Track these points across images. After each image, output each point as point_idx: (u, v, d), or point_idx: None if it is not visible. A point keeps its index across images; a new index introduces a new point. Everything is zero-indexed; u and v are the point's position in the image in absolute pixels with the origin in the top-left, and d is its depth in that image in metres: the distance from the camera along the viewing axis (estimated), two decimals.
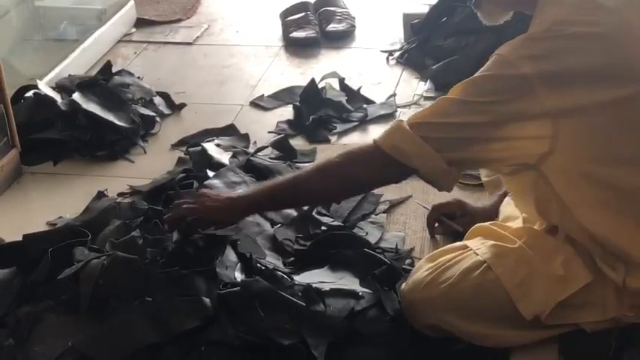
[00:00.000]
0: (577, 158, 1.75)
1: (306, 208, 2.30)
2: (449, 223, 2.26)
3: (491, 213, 2.18)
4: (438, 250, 2.02)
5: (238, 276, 2.01)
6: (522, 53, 1.74)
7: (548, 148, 1.73)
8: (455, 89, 1.80)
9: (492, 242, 1.92)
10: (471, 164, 1.86)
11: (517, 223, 2.03)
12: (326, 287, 1.98)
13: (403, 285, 1.98)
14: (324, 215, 2.33)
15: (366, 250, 2.13)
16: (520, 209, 2.00)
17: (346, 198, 2.23)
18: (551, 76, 1.71)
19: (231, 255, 2.06)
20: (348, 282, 2.02)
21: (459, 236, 2.14)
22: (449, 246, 2.02)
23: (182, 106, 3.05)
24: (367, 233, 2.26)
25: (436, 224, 2.30)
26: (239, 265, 2.04)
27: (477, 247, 1.92)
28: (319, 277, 2.02)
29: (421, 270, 1.94)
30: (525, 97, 1.71)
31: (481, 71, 1.79)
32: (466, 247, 1.95)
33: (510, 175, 1.89)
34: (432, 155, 1.77)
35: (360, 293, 1.98)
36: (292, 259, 2.18)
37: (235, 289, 1.95)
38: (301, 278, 2.02)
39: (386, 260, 2.10)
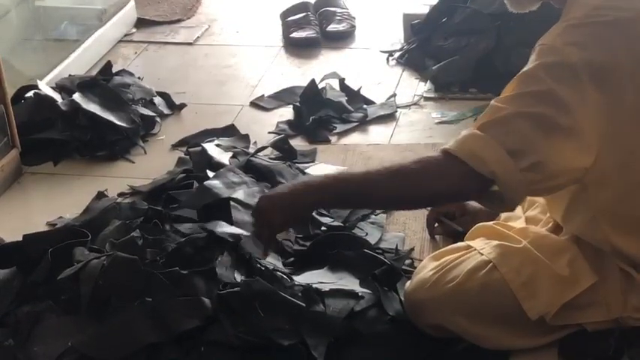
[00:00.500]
0: (619, 164, 1.73)
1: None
2: (449, 224, 2.26)
3: (492, 213, 2.18)
4: (441, 249, 2.02)
5: (238, 276, 2.01)
6: (567, 40, 1.71)
7: (596, 147, 1.70)
8: (508, 88, 1.76)
9: (497, 242, 1.91)
10: (539, 171, 1.70)
11: (519, 223, 2.03)
12: (326, 288, 1.98)
13: (407, 284, 1.97)
14: (324, 215, 2.33)
15: (366, 250, 2.13)
16: (551, 213, 1.97)
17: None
18: (597, 69, 1.68)
19: (231, 255, 2.06)
20: (348, 282, 2.02)
21: (459, 237, 2.14)
22: (452, 246, 2.02)
23: (182, 106, 3.05)
24: (367, 234, 2.26)
25: (436, 224, 2.30)
26: (239, 265, 2.04)
27: (481, 247, 1.92)
28: (319, 278, 2.02)
29: (426, 269, 1.94)
30: (575, 85, 1.68)
31: (529, 64, 1.74)
32: (469, 247, 1.95)
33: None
34: (507, 160, 1.69)
35: (360, 294, 1.98)
36: (292, 259, 2.18)
37: (235, 289, 1.95)
38: (301, 279, 2.02)
39: (386, 261, 2.10)
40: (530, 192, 1.79)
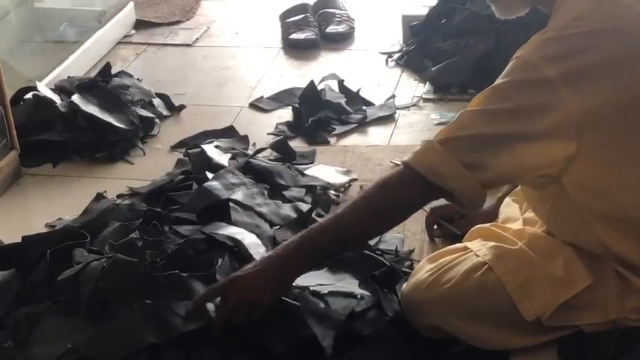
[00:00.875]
0: (598, 167, 1.73)
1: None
2: (447, 226, 2.26)
3: (491, 215, 2.18)
4: (439, 251, 2.02)
5: None
6: (543, 54, 1.71)
7: (574, 151, 1.70)
8: (477, 99, 1.77)
9: (493, 243, 1.91)
10: (500, 181, 1.81)
11: (517, 225, 2.03)
12: (325, 290, 1.97)
13: (404, 285, 1.97)
14: (324, 217, 2.32)
15: (366, 251, 2.13)
16: (537, 216, 1.98)
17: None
18: (573, 75, 1.68)
19: (230, 258, 2.06)
20: (348, 284, 2.02)
21: (457, 239, 2.13)
22: (448, 247, 2.02)
23: (181, 107, 3.05)
24: None
25: (435, 227, 2.29)
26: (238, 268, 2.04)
27: (477, 248, 1.92)
28: (318, 280, 2.02)
29: (422, 271, 1.94)
30: (549, 99, 1.68)
31: (502, 77, 1.75)
32: (466, 248, 1.95)
33: (534, 190, 1.87)
34: (465, 175, 1.72)
35: (360, 295, 1.98)
36: None
37: None
38: (300, 280, 2.01)
39: (385, 262, 2.10)
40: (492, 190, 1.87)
